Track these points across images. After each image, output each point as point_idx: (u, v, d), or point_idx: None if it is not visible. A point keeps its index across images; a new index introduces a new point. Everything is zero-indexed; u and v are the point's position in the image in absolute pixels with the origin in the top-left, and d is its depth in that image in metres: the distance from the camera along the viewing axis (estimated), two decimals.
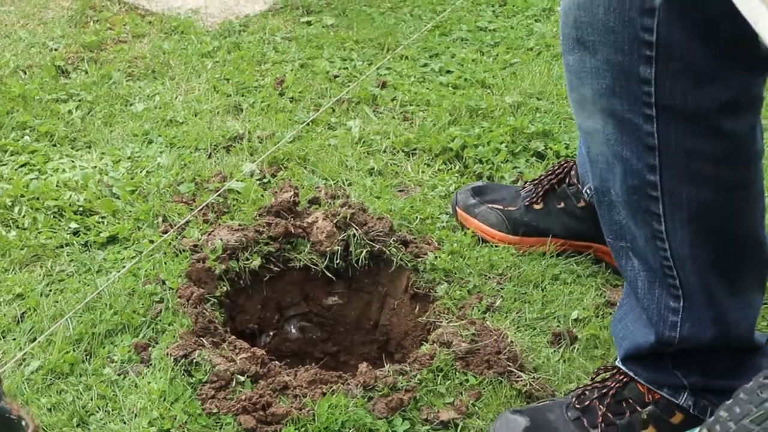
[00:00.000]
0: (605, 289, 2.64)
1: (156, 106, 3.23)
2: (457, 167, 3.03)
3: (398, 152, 3.08)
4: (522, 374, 2.32)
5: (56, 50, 3.49)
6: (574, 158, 2.77)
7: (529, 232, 2.73)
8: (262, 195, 2.80)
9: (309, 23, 3.77)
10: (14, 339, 2.37)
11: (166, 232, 2.65)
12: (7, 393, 2.20)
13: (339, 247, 2.62)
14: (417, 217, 2.78)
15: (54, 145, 3.01)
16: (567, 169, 2.73)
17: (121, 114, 3.18)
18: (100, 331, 2.37)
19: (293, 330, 2.71)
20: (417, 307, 2.61)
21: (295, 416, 2.18)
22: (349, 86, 3.36)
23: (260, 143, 3.06)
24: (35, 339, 2.35)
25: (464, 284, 2.58)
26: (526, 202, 2.74)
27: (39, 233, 2.66)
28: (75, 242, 2.64)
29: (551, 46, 3.67)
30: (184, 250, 2.59)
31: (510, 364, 2.33)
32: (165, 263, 2.55)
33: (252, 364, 2.28)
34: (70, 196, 2.77)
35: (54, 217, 2.72)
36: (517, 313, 2.52)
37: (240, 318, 2.61)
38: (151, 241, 2.63)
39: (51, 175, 2.86)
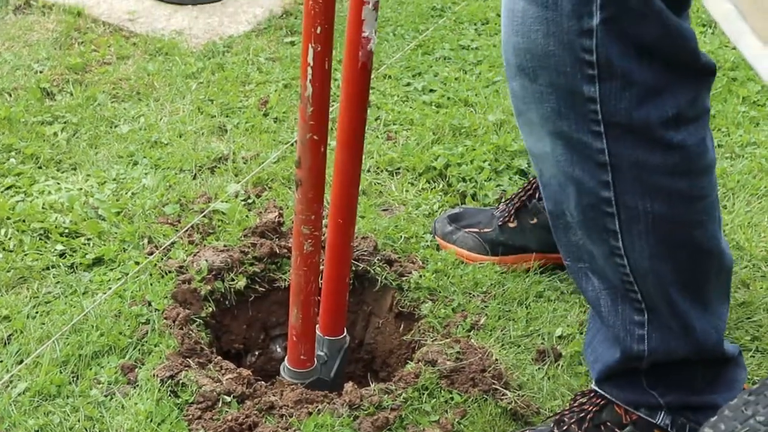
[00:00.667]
0: (589, 306, 2.65)
1: (141, 128, 3.24)
2: (441, 186, 3.06)
3: (382, 171, 3.10)
4: (507, 392, 2.34)
5: (41, 72, 3.51)
6: None
7: (508, 251, 2.76)
8: (247, 216, 2.82)
9: (293, 43, 3.79)
10: (1, 361, 2.38)
11: (152, 254, 2.67)
12: None
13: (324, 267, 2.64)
14: (401, 237, 2.80)
15: (40, 168, 3.03)
16: (536, 185, 2.76)
17: (106, 135, 3.20)
18: (87, 353, 2.38)
19: (279, 349, 2.72)
20: (402, 326, 2.63)
21: None
22: (333, 106, 3.37)
23: (245, 164, 3.07)
24: (22, 361, 2.37)
25: (449, 302, 2.61)
26: (500, 222, 2.78)
27: (25, 255, 2.67)
28: (61, 264, 2.65)
29: None
30: (170, 272, 2.60)
31: (495, 382, 2.35)
32: (151, 285, 2.57)
33: (238, 385, 2.30)
34: (56, 218, 2.79)
35: (40, 239, 2.73)
36: (502, 331, 2.54)
37: (226, 338, 2.62)
38: (137, 263, 2.64)
39: (37, 198, 2.87)
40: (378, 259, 2.68)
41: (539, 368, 2.46)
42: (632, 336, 2.10)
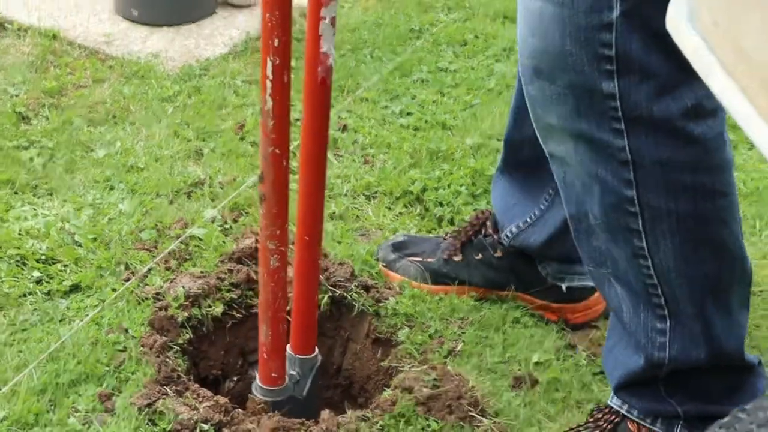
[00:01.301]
0: (565, 332, 2.70)
1: (117, 152, 3.27)
2: (418, 210, 3.10)
3: (359, 196, 3.14)
4: (483, 419, 2.38)
5: (17, 96, 3.53)
6: (491, 209, 2.82)
7: (450, 284, 2.78)
8: (224, 241, 2.85)
9: None
10: None
11: (129, 280, 2.70)
12: None
13: None
14: (378, 262, 2.84)
15: (15, 193, 3.05)
16: (483, 221, 2.79)
17: (83, 160, 3.23)
18: (64, 381, 2.41)
19: (256, 375, 2.75)
20: (379, 352, 2.67)
21: None
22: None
23: (221, 189, 3.11)
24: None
25: (426, 329, 2.64)
26: (446, 255, 2.79)
27: (2, 282, 2.70)
28: (38, 291, 2.68)
29: (511, 86, 3.72)
30: (147, 298, 2.63)
31: (471, 409, 2.39)
32: (128, 311, 2.60)
33: (215, 413, 2.33)
34: (33, 245, 2.81)
35: (17, 266, 2.75)
36: (479, 357, 2.57)
37: (203, 364, 2.65)
38: (114, 290, 2.67)
39: (13, 224, 2.90)
40: (355, 285, 2.71)
41: (516, 395, 2.50)
42: (653, 343, 2.12)
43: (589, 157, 1.97)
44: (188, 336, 2.58)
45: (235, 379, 2.72)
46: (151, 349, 2.49)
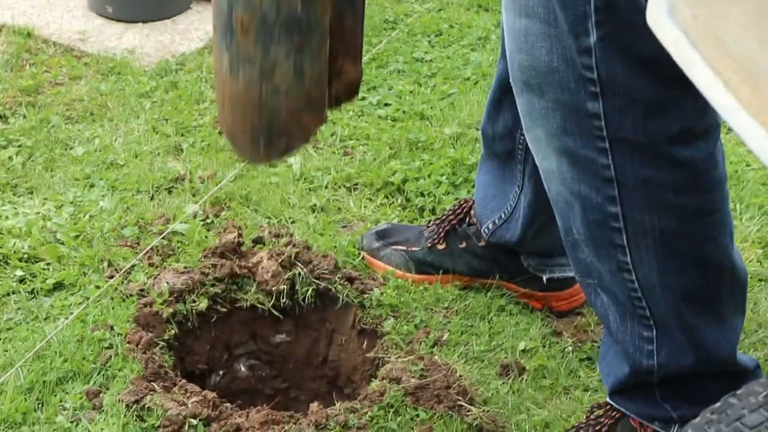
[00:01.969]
0: (551, 319, 2.70)
1: (96, 149, 3.26)
2: (399, 201, 3.09)
3: (340, 188, 3.14)
4: (472, 408, 2.38)
5: None
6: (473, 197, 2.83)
7: (434, 272, 2.79)
8: (206, 236, 2.85)
9: None
10: None
11: (112, 277, 2.69)
12: None
13: (285, 286, 2.67)
14: (361, 254, 2.83)
15: None
16: (467, 209, 2.79)
17: (62, 158, 3.21)
18: (51, 379, 2.40)
19: (243, 368, 2.75)
20: (365, 343, 2.66)
21: None
22: None
23: (202, 183, 3.10)
24: None
25: (411, 319, 2.64)
26: (429, 243, 2.79)
27: None
28: (21, 290, 2.67)
29: (488, 75, 3.74)
30: (131, 295, 2.62)
31: (460, 398, 2.39)
32: (112, 308, 2.59)
33: (204, 407, 2.32)
34: (14, 244, 2.80)
35: None
36: (465, 346, 2.58)
37: (189, 359, 2.65)
38: (98, 287, 2.66)
39: None
40: (339, 277, 2.71)
41: (503, 383, 2.50)
42: (641, 351, 2.12)
43: (572, 175, 1.95)
44: (174, 331, 2.57)
45: (221, 373, 2.72)
46: (138, 346, 2.48)
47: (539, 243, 2.64)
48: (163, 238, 2.81)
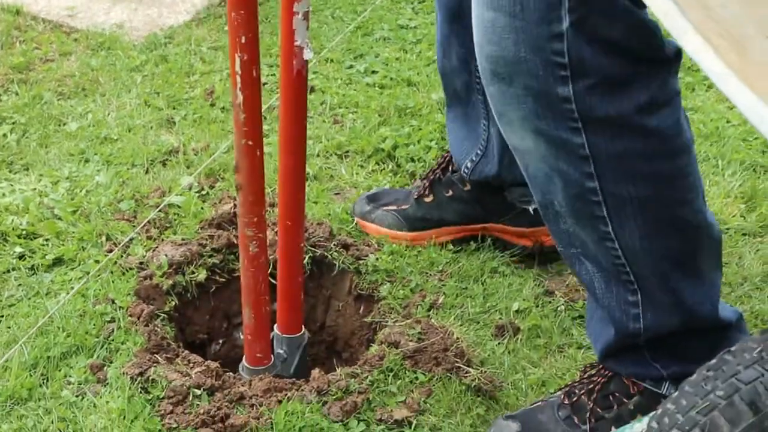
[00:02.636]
0: (543, 279, 2.69)
1: (89, 124, 3.22)
2: (390, 167, 3.07)
3: (331, 155, 3.11)
4: (470, 369, 2.36)
5: None
6: None
7: (426, 226, 2.78)
8: (202, 208, 2.82)
9: None
10: None
11: (111, 251, 2.66)
12: None
13: None
14: (355, 220, 2.81)
15: None
16: (448, 159, 2.80)
17: (56, 134, 3.18)
18: (55, 354, 2.37)
19: (241, 336, 2.72)
20: (362, 308, 2.65)
21: (254, 426, 2.21)
22: (277, 93, 3.37)
23: (195, 155, 3.07)
24: None
25: (406, 283, 2.62)
26: (416, 196, 2.79)
27: None
28: (21, 266, 2.64)
29: None
30: (131, 268, 2.60)
31: (457, 360, 2.37)
32: (113, 282, 2.56)
33: (207, 377, 2.30)
34: (13, 221, 2.77)
35: None
36: (460, 309, 2.56)
37: (190, 329, 2.62)
38: (97, 261, 2.63)
39: None
40: (334, 244, 2.69)
41: (499, 343, 2.49)
42: (627, 315, 2.12)
43: (550, 153, 1.96)
44: (174, 303, 2.55)
45: (221, 342, 2.70)
46: (139, 319, 2.46)
47: (515, 172, 2.61)
48: (160, 211, 2.78)
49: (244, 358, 2.35)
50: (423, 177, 2.83)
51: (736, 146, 3.19)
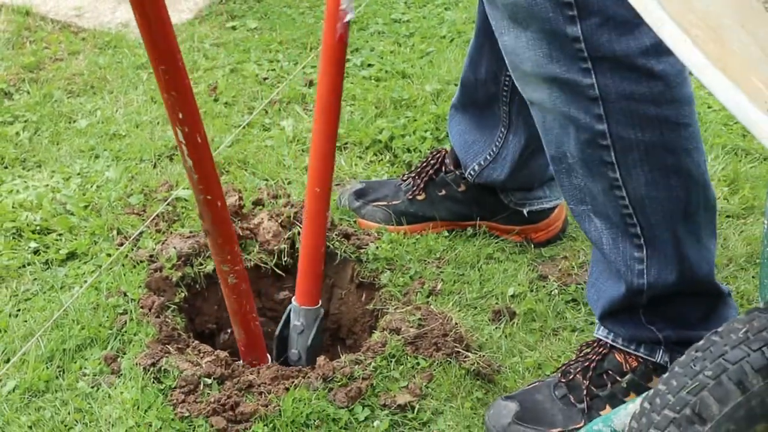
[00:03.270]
0: (536, 264, 2.66)
1: (98, 121, 3.18)
2: (388, 157, 3.04)
3: None
4: (469, 353, 2.34)
5: None
6: (446, 147, 2.82)
7: (415, 221, 2.76)
8: None
9: (234, 28, 3.73)
10: None
11: (122, 245, 2.63)
12: None
13: (285, 245, 2.62)
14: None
15: (5, 168, 2.96)
16: (441, 159, 2.76)
17: (66, 131, 3.14)
18: (70, 347, 2.35)
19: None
20: (364, 295, 2.62)
21: (263, 413, 2.18)
22: (279, 87, 3.34)
23: None
24: (9, 360, 2.33)
25: (406, 271, 2.59)
26: (410, 196, 2.76)
27: (0, 255, 2.62)
28: (36, 261, 2.61)
29: (462, 33, 3.67)
30: (141, 261, 2.57)
31: (456, 345, 2.35)
32: (124, 275, 2.53)
33: (217, 366, 2.27)
34: (27, 216, 2.73)
35: (13, 238, 2.68)
36: (458, 295, 2.53)
37: (199, 319, 2.59)
38: (109, 255, 2.60)
39: (6, 197, 2.81)
40: (336, 234, 2.66)
41: (496, 328, 2.46)
42: (632, 271, 2.13)
43: (562, 99, 1.98)
44: (183, 294, 2.53)
45: (229, 332, 2.66)
46: (150, 310, 2.43)
47: (523, 177, 2.64)
48: (168, 205, 2.74)
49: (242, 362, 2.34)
50: (415, 176, 2.78)
51: (718, 131, 3.16)
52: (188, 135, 1.88)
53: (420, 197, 2.74)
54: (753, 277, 2.62)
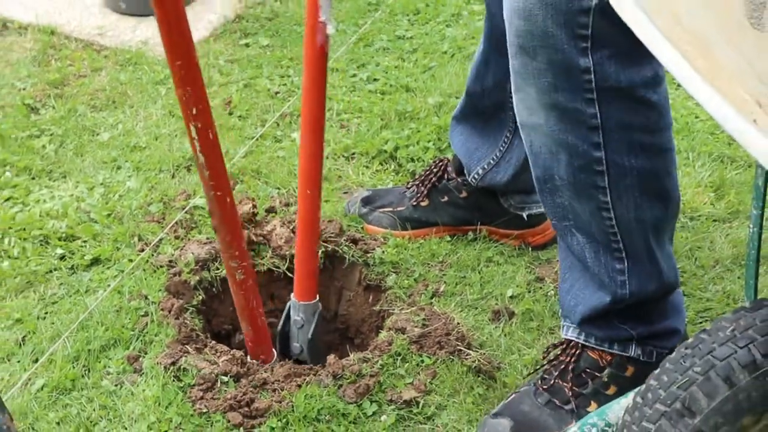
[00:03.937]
0: (533, 266, 2.66)
1: (120, 134, 3.19)
2: (393, 167, 3.04)
3: (339, 158, 3.08)
4: (470, 351, 2.34)
5: (24, 89, 3.43)
6: (448, 156, 2.83)
7: (419, 226, 2.75)
8: None
9: (247, 45, 3.74)
10: (18, 361, 2.35)
11: (143, 251, 2.63)
12: (17, 411, 2.19)
13: None
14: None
15: (33, 178, 2.97)
16: (443, 167, 2.77)
17: (90, 144, 3.14)
18: (95, 347, 2.36)
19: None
20: (371, 297, 2.62)
21: (276, 409, 2.19)
22: (290, 101, 3.34)
23: None
24: (37, 360, 2.34)
25: (410, 273, 2.60)
26: (414, 202, 2.76)
27: (29, 261, 2.63)
28: (62, 266, 2.61)
29: (463, 48, 3.67)
30: (161, 266, 2.57)
31: (459, 344, 2.35)
32: (145, 279, 2.54)
33: (233, 365, 2.28)
34: (53, 224, 2.74)
35: (41, 245, 2.69)
36: (460, 296, 2.54)
37: (216, 321, 2.60)
38: (131, 260, 2.61)
39: (33, 207, 2.82)
40: (344, 240, 2.66)
41: (496, 327, 2.46)
42: (615, 282, 2.13)
43: (559, 128, 1.96)
44: (201, 297, 2.53)
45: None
46: (170, 312, 2.43)
47: (523, 180, 2.62)
48: (186, 213, 2.75)
49: (249, 358, 2.34)
50: (418, 183, 2.79)
51: (705, 139, 3.16)
52: (201, 130, 1.88)
53: (424, 203, 2.74)
54: (739, 278, 2.63)
